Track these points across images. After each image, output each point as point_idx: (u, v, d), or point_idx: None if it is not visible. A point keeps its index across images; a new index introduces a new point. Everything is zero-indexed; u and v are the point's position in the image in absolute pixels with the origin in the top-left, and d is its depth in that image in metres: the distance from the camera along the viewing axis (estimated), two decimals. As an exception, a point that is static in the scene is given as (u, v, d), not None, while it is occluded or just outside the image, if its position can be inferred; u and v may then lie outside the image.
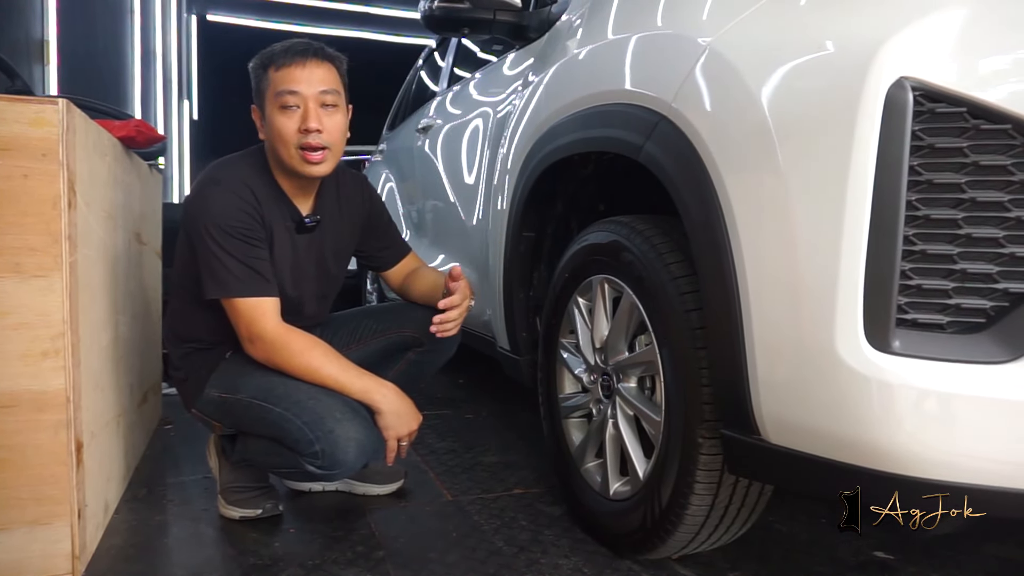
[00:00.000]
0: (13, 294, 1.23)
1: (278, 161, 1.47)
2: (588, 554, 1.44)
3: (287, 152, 1.44)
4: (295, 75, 1.41)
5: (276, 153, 1.46)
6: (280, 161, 1.47)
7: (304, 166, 1.44)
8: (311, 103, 1.42)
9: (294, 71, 1.41)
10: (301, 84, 1.41)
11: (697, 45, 1.15)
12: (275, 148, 1.45)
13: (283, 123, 1.42)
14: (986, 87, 0.85)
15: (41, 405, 1.25)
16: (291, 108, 1.41)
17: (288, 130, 1.42)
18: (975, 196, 0.87)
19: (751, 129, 1.02)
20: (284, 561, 1.41)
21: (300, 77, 1.41)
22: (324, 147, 1.44)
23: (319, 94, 1.42)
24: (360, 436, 1.38)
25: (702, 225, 1.10)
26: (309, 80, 1.41)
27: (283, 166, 1.47)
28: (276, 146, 1.45)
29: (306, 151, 1.43)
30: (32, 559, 1.28)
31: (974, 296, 0.89)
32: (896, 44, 0.88)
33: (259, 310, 1.42)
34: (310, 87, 1.41)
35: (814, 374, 0.95)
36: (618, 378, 1.42)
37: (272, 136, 1.44)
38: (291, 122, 1.42)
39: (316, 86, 1.42)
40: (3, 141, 1.21)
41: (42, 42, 3.89)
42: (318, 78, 1.42)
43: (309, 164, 1.44)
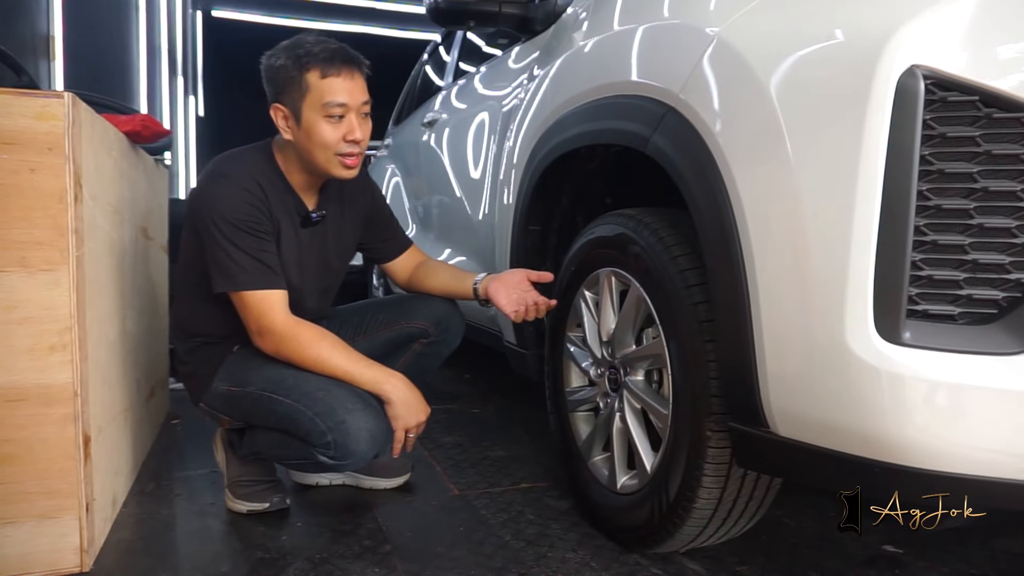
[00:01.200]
0: (20, 288, 1.23)
1: (308, 162, 1.48)
2: (596, 548, 1.44)
3: (325, 156, 1.45)
4: (345, 86, 1.42)
5: (310, 155, 1.46)
6: (312, 163, 1.47)
7: (342, 170, 1.47)
8: (354, 114, 1.44)
9: (343, 82, 1.42)
10: (349, 97, 1.43)
11: (705, 35, 1.14)
12: (311, 151, 1.45)
13: (328, 131, 1.43)
14: (999, 75, 0.84)
15: (48, 399, 1.26)
16: (339, 118, 1.43)
17: (333, 139, 1.43)
18: (987, 185, 0.86)
19: (760, 120, 1.01)
20: (292, 555, 1.41)
21: (349, 88, 1.43)
22: (360, 153, 1.48)
23: (362, 104, 1.45)
24: (372, 426, 1.38)
25: (710, 217, 1.09)
26: (353, 92, 1.43)
27: (312, 167, 1.48)
28: (313, 150, 1.45)
29: (345, 157, 1.45)
30: (40, 553, 1.28)
31: (986, 287, 0.88)
32: (907, 32, 0.87)
33: (268, 303, 1.42)
34: (355, 98, 1.43)
35: (824, 366, 0.95)
36: (625, 371, 1.42)
37: (311, 141, 1.44)
38: (336, 132, 1.43)
39: (359, 97, 1.44)
40: (9, 135, 1.21)
41: (48, 38, 3.90)
42: (360, 88, 1.45)
43: (347, 169, 1.47)
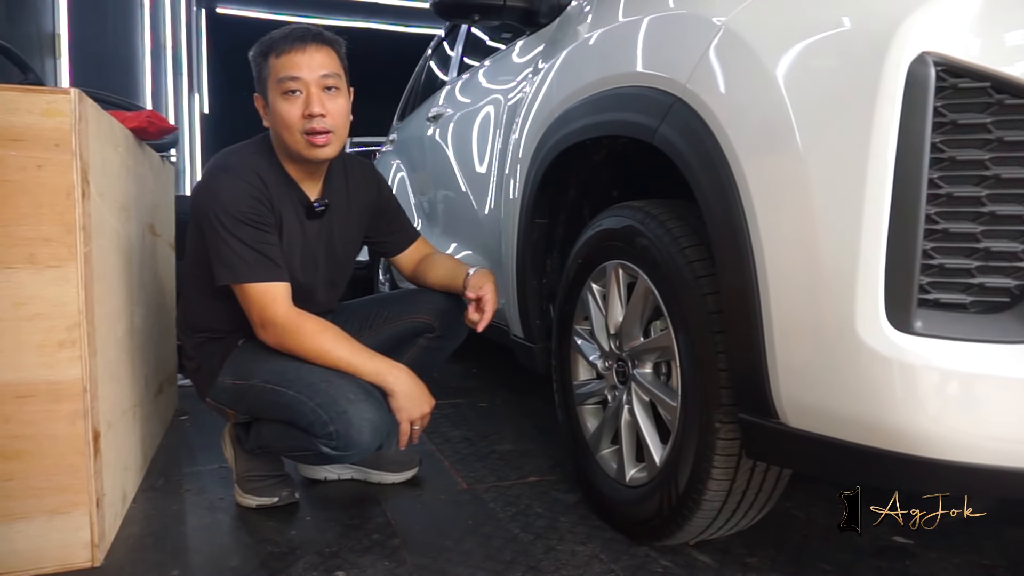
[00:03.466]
0: (28, 285, 1.23)
1: (284, 147, 1.48)
2: (605, 541, 1.44)
3: (292, 138, 1.44)
4: (296, 60, 1.41)
5: (281, 139, 1.46)
6: (286, 147, 1.47)
7: (310, 150, 1.44)
8: (313, 88, 1.42)
9: (294, 56, 1.41)
10: (303, 69, 1.41)
11: (711, 25, 1.14)
12: (280, 135, 1.45)
13: (287, 109, 1.42)
14: (1011, 61, 0.83)
15: (58, 395, 1.26)
16: (294, 94, 1.41)
17: (292, 116, 1.42)
18: (999, 173, 0.85)
19: (768, 109, 1.00)
20: (301, 549, 1.41)
21: (301, 62, 1.41)
22: (328, 131, 1.44)
23: (321, 78, 1.42)
24: (374, 417, 1.38)
25: (719, 208, 1.09)
26: (310, 65, 1.41)
27: (289, 152, 1.47)
28: (281, 133, 1.44)
29: (311, 135, 1.43)
30: (51, 548, 1.29)
31: (998, 275, 0.87)
32: (917, 19, 0.86)
33: (270, 295, 1.42)
34: (311, 72, 1.41)
35: (834, 356, 0.94)
36: (633, 364, 1.41)
37: (277, 123, 1.45)
38: (295, 108, 1.41)
39: (317, 70, 1.42)
40: (16, 132, 1.21)
41: (53, 35, 3.91)
42: (318, 62, 1.42)
43: (315, 147, 1.44)
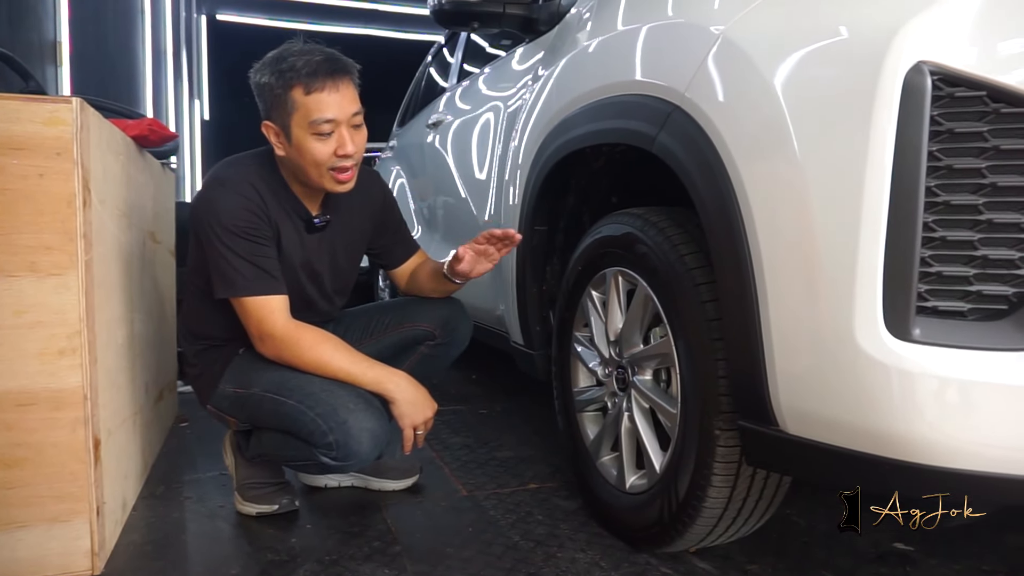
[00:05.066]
0: (29, 293, 1.23)
1: (300, 176, 1.46)
2: (605, 548, 1.44)
3: (318, 172, 1.43)
4: (330, 102, 1.37)
5: (303, 172, 1.44)
6: (306, 179, 1.45)
7: (335, 186, 1.45)
8: (344, 128, 1.40)
9: (327, 97, 1.37)
10: (337, 111, 1.38)
11: (709, 34, 1.14)
12: (303, 168, 1.43)
13: (319, 149, 1.40)
14: (1007, 70, 0.84)
15: (58, 403, 1.26)
16: (328, 135, 1.40)
17: (324, 155, 1.40)
18: (996, 181, 0.85)
19: (766, 117, 1.01)
20: (301, 557, 1.41)
21: (333, 103, 1.38)
22: (354, 165, 1.45)
23: (351, 116, 1.41)
24: (373, 426, 1.38)
25: (717, 215, 1.09)
26: (341, 105, 1.39)
27: (308, 183, 1.47)
28: (306, 167, 1.42)
29: (338, 172, 1.42)
30: (52, 556, 1.29)
31: (995, 283, 0.87)
32: (913, 28, 0.87)
33: (267, 308, 1.42)
34: (343, 112, 1.39)
35: (833, 363, 0.94)
36: (633, 371, 1.41)
37: (302, 159, 1.42)
38: (326, 148, 1.40)
39: (348, 109, 1.40)
40: (18, 140, 1.21)
41: (55, 44, 3.92)
42: (349, 100, 1.40)
43: (340, 184, 1.45)
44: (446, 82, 3.19)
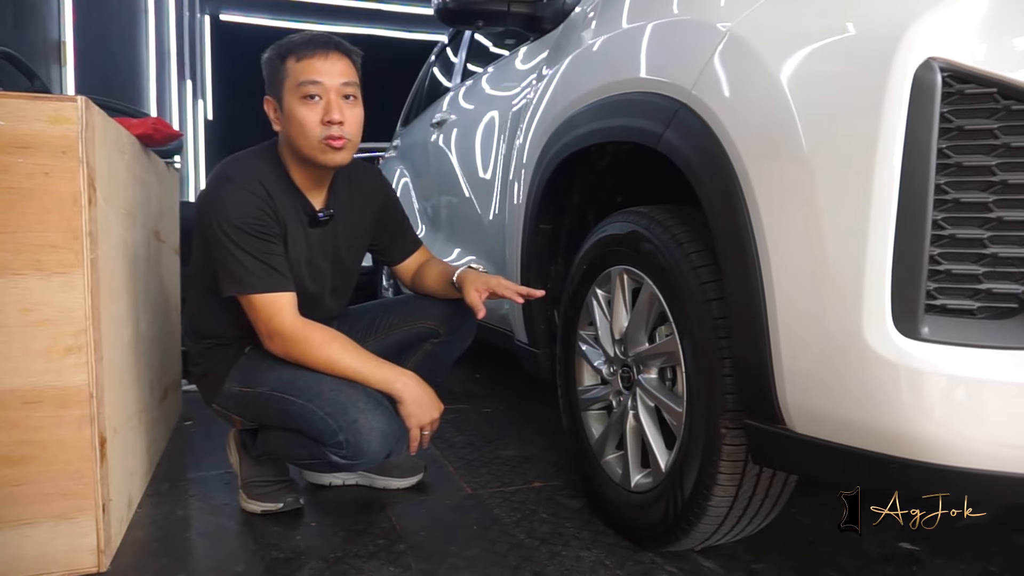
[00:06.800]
0: (35, 291, 1.24)
1: (296, 152, 1.46)
2: (610, 546, 1.44)
3: (307, 143, 1.42)
4: (317, 66, 1.40)
5: (295, 144, 1.45)
6: (298, 152, 1.45)
7: (326, 154, 1.43)
8: (333, 95, 1.41)
9: (316, 62, 1.40)
10: (324, 75, 1.40)
11: (716, 31, 1.14)
12: (294, 139, 1.44)
13: (305, 114, 1.41)
14: (1017, 66, 0.83)
15: (64, 401, 1.26)
16: (313, 99, 1.40)
17: (311, 121, 1.41)
18: (1006, 178, 0.85)
19: (774, 115, 1.00)
20: (306, 554, 1.41)
21: (322, 68, 1.40)
22: (345, 138, 1.43)
23: (341, 86, 1.42)
24: (383, 425, 1.38)
25: (724, 214, 1.09)
26: (331, 72, 1.41)
27: (301, 157, 1.46)
28: (295, 137, 1.43)
29: (330, 140, 1.42)
30: (58, 553, 1.29)
31: (1005, 280, 0.87)
32: (923, 24, 0.87)
33: (276, 306, 1.42)
34: (332, 79, 1.41)
35: (841, 362, 0.94)
36: (638, 369, 1.41)
37: (292, 127, 1.43)
38: (313, 113, 1.41)
39: (338, 78, 1.41)
40: (24, 139, 1.21)
41: (59, 43, 3.93)
42: (339, 70, 1.42)
43: (331, 151, 1.43)
44: (450, 81, 3.18)
